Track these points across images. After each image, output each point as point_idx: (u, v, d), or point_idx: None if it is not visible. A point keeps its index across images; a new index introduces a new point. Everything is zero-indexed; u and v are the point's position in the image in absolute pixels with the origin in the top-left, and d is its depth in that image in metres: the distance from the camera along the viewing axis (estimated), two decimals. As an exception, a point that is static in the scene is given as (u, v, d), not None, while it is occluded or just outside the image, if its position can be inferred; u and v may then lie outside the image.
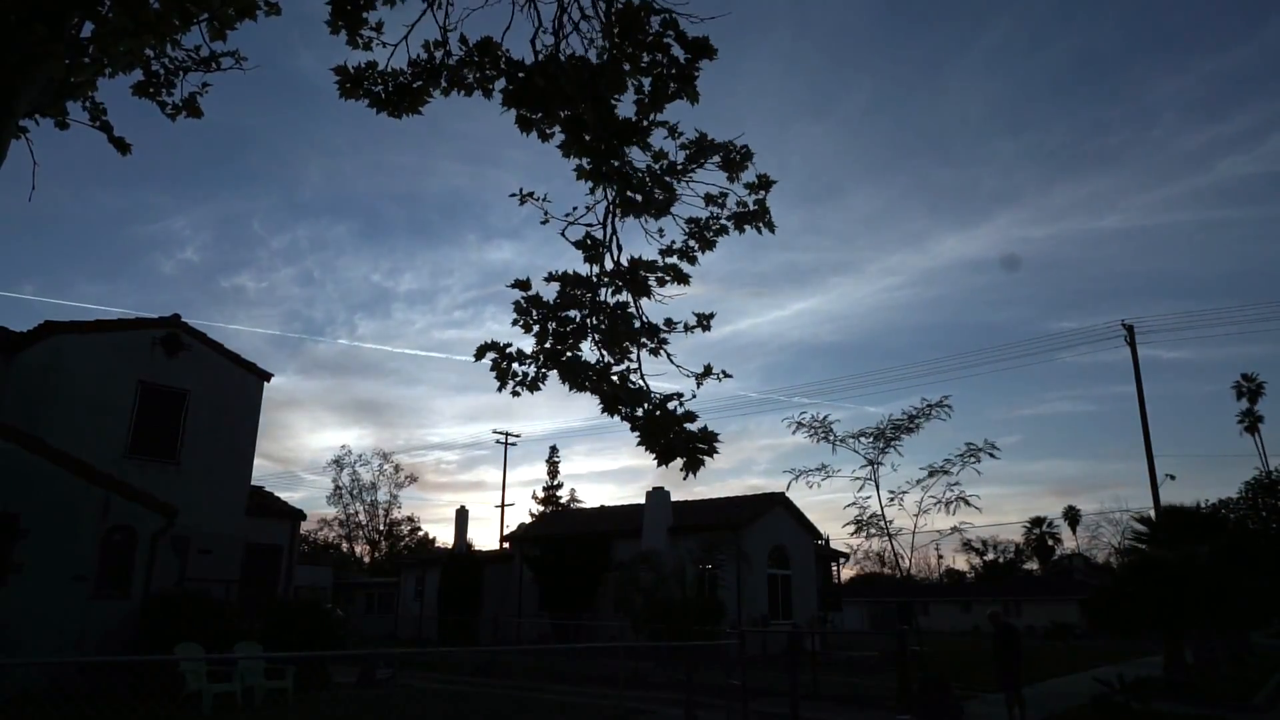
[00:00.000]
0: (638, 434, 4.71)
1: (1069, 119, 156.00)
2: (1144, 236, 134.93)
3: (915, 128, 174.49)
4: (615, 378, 4.79)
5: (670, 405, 4.70)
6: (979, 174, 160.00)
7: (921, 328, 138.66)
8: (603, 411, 4.77)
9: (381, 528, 68.21)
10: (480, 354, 4.83)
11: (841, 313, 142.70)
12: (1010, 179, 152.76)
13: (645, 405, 4.71)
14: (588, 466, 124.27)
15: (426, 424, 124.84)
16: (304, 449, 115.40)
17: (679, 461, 4.64)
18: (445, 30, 4.81)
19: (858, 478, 15.94)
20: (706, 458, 4.61)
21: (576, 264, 5.04)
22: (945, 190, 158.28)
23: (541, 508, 60.81)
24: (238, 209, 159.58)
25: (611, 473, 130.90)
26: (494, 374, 4.83)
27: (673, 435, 4.62)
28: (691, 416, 4.64)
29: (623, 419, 4.70)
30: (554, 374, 4.88)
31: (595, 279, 4.95)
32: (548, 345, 4.83)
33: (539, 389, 4.84)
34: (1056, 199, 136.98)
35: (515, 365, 4.88)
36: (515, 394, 4.81)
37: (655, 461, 4.65)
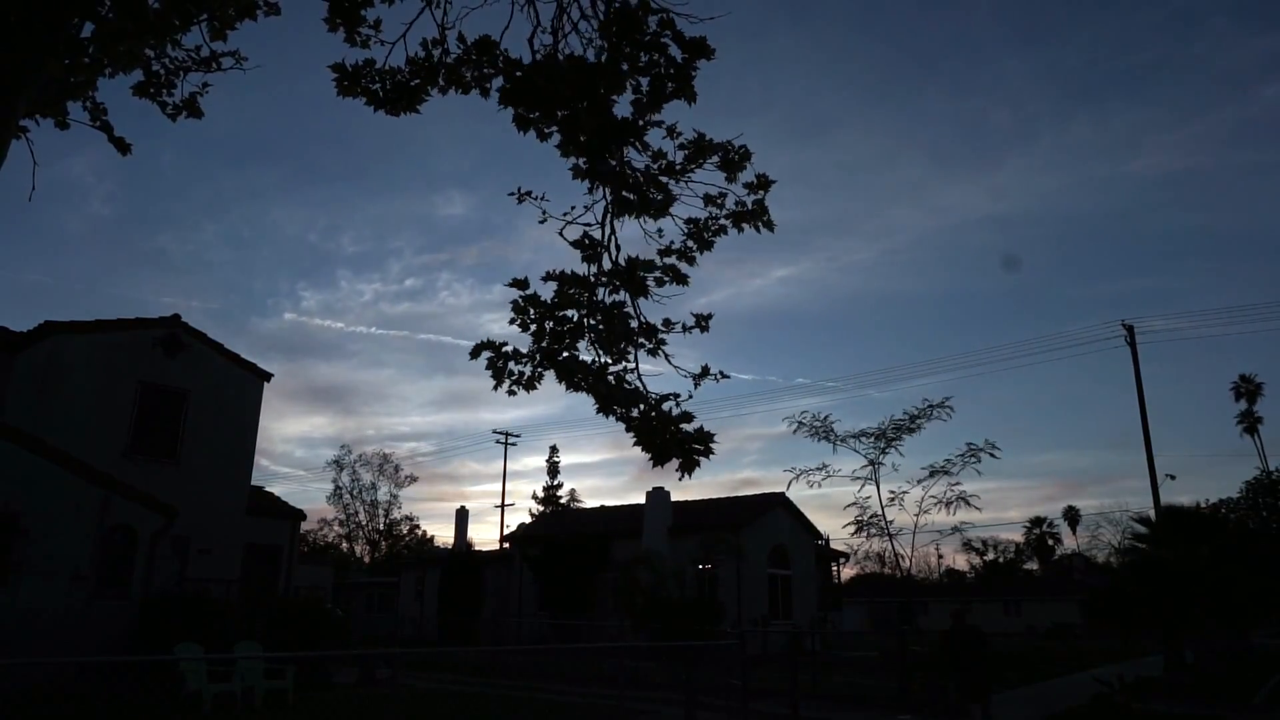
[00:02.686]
0: (633, 435, 4.71)
1: (1091, 29, 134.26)
2: (1175, 184, 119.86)
3: (909, 46, 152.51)
4: (611, 378, 4.79)
5: (666, 406, 4.71)
6: (984, 105, 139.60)
7: (922, 299, 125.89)
8: (598, 412, 4.78)
9: (381, 527, 68.19)
10: (476, 353, 4.84)
11: (831, 281, 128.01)
12: (1022, 111, 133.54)
13: (641, 406, 4.71)
14: (566, 459, 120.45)
15: (397, 412, 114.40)
16: (262, 440, 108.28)
17: (674, 462, 4.64)
18: (443, 29, 4.82)
19: (858, 477, 15.94)
20: (703, 458, 4.61)
21: (572, 261, 5.05)
22: (947, 126, 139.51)
23: (541, 508, 60.81)
24: (142, 147, 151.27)
25: (591, 466, 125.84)
26: (490, 373, 4.83)
27: (668, 436, 4.62)
28: (688, 417, 4.64)
29: (618, 420, 4.71)
30: (550, 373, 4.87)
31: (593, 279, 4.95)
32: (544, 345, 4.83)
33: (535, 388, 4.84)
34: (1075, 136, 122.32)
35: (512, 364, 4.88)
36: (511, 393, 4.82)
37: (651, 462, 4.66)
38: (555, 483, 63.26)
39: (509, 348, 4.88)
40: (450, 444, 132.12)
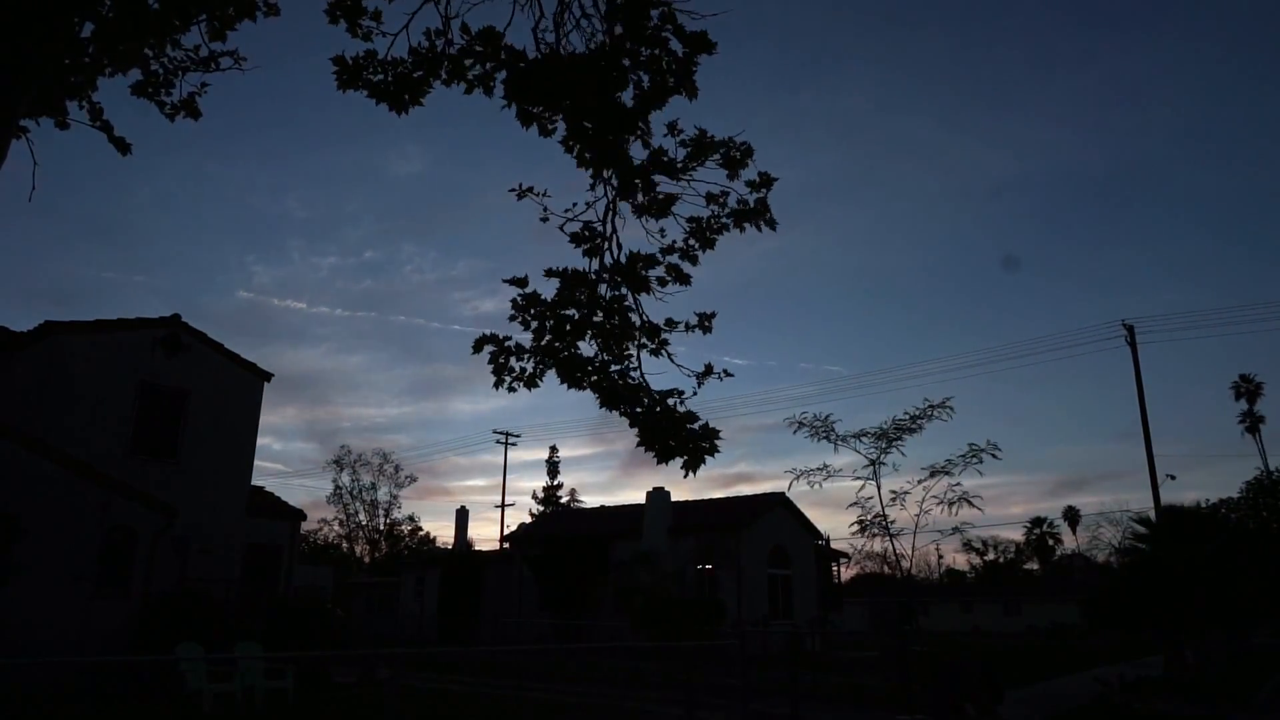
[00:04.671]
0: (637, 432, 4.68)
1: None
2: (1203, 134, 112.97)
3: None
4: (615, 375, 4.76)
5: (670, 402, 4.68)
6: (991, 43, 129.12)
7: (922, 273, 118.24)
8: (601, 406, 4.74)
9: (381, 528, 68.17)
10: (479, 346, 4.80)
11: (822, 257, 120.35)
12: (1034, 46, 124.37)
13: (645, 402, 4.68)
14: (537, 454, 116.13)
15: (371, 403, 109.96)
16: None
17: (673, 459, 4.60)
18: (447, 19, 4.77)
19: (859, 477, 15.93)
20: (708, 456, 4.58)
21: (574, 259, 5.00)
22: (949, 68, 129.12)
23: (541, 507, 60.89)
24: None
25: (576, 460, 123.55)
26: (491, 369, 4.79)
27: (673, 434, 4.59)
28: (693, 416, 4.61)
29: (621, 415, 4.68)
30: (551, 371, 4.83)
31: (595, 275, 4.92)
32: (546, 342, 4.79)
33: (537, 385, 4.81)
34: (1094, 77, 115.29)
35: (513, 361, 4.84)
36: (511, 389, 4.78)
37: (656, 460, 4.63)
38: (555, 483, 63.41)
39: (511, 342, 4.83)
40: (428, 436, 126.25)
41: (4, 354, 18.70)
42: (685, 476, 4.60)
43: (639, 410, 4.64)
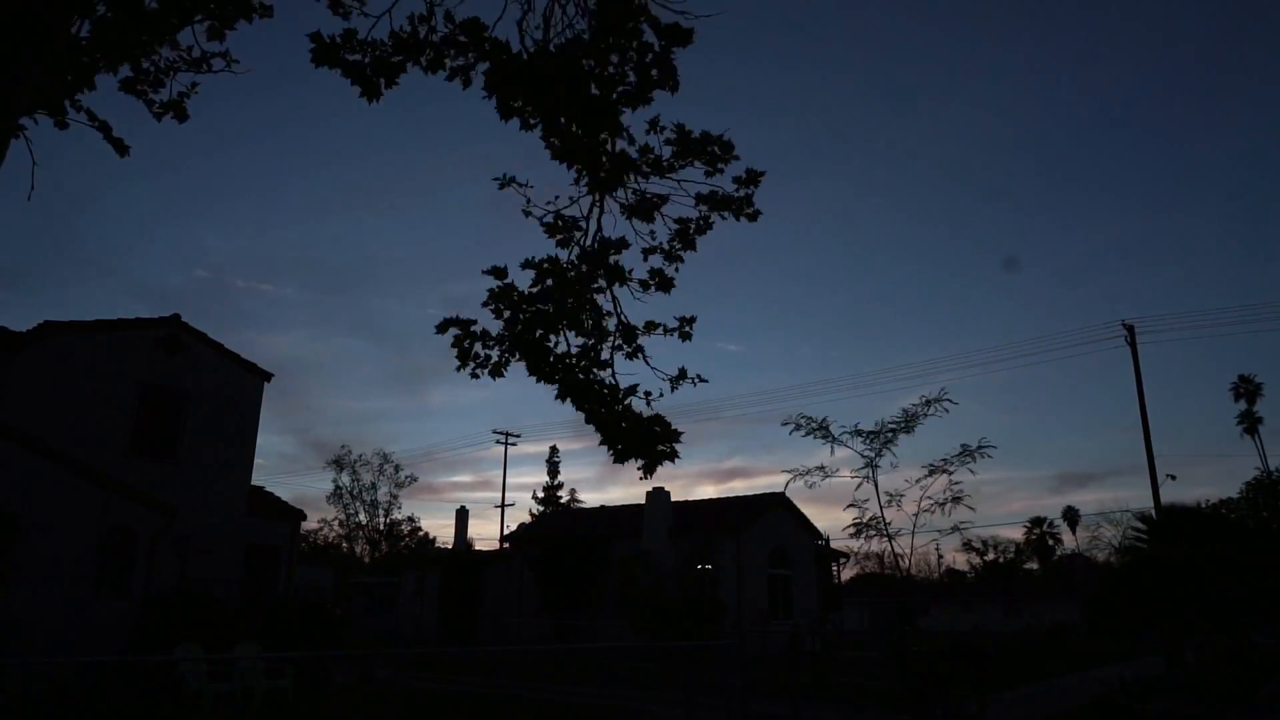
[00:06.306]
0: (598, 430, 4.56)
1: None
2: (1205, 134, 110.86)
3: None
4: (581, 373, 4.63)
5: (631, 400, 4.56)
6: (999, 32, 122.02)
7: (920, 267, 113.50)
8: (556, 398, 4.62)
9: (381, 527, 68.17)
10: (443, 328, 4.68)
11: (821, 242, 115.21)
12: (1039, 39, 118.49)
13: (605, 397, 4.56)
14: (531, 449, 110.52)
15: (350, 395, 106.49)
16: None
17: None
18: (431, 5, 4.69)
19: (856, 476, 15.87)
20: (668, 460, 4.47)
21: (552, 246, 4.84)
22: (954, 41, 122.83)
23: (541, 508, 60.96)
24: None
25: (562, 456, 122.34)
26: (455, 351, 4.67)
27: (630, 433, 4.49)
28: (659, 419, 4.51)
29: (579, 409, 4.55)
30: (521, 364, 4.68)
31: (567, 264, 4.81)
32: (517, 330, 4.64)
33: (502, 375, 4.66)
34: (1095, 75, 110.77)
35: (479, 347, 4.70)
36: (474, 376, 4.65)
37: (613, 459, 4.51)
38: (555, 482, 63.48)
39: (478, 327, 4.70)
40: (409, 429, 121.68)
41: (4, 354, 18.72)
42: (642, 479, 4.48)
43: (602, 408, 4.51)
